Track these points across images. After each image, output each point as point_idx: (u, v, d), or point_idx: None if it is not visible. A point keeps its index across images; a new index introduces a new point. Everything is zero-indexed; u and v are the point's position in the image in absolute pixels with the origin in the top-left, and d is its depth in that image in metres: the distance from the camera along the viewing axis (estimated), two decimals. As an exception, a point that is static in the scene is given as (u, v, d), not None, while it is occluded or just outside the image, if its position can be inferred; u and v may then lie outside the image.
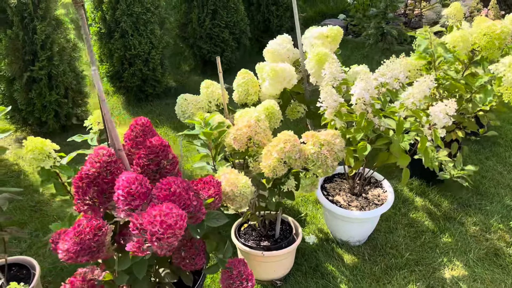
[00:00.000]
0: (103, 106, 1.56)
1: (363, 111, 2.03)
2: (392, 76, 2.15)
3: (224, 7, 4.69)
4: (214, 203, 1.78)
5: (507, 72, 2.22)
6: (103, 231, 1.49)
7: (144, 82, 4.33)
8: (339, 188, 2.57)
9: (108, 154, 1.56)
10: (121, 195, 1.45)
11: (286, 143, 1.91)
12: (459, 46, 2.39)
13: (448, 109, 1.89)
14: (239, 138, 2.00)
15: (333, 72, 2.14)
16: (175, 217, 1.39)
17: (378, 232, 2.63)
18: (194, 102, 2.54)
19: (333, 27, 2.53)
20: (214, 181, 1.80)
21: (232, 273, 1.72)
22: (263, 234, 2.34)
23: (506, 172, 3.14)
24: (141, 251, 1.43)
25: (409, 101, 1.93)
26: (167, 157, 1.72)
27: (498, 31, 2.42)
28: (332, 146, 1.97)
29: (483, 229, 2.63)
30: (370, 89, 1.98)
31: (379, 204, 2.43)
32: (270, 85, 2.47)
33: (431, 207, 2.83)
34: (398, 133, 2.00)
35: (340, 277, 2.34)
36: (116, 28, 4.01)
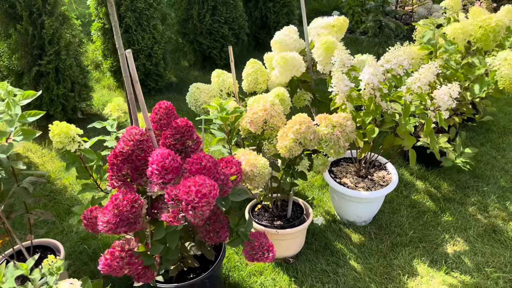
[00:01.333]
0: (136, 88, 1.66)
1: (372, 96, 2.16)
2: (397, 62, 2.28)
3: (224, 3, 4.80)
4: (236, 180, 1.89)
5: (501, 66, 2.37)
6: (139, 203, 1.59)
7: (147, 77, 4.41)
8: (346, 171, 2.70)
9: (140, 133, 1.67)
10: (155, 169, 1.56)
11: (301, 124, 2.03)
12: (459, 37, 2.54)
13: (452, 92, 2.03)
14: (256, 121, 2.11)
15: (342, 58, 2.26)
16: (209, 186, 1.50)
17: (382, 213, 2.76)
18: (206, 91, 2.65)
19: (339, 17, 2.66)
20: (235, 160, 1.91)
21: (254, 244, 1.83)
22: (275, 215, 2.46)
23: (500, 156, 3.31)
24: (176, 220, 1.54)
25: (416, 85, 2.06)
26: (192, 137, 1.82)
27: (493, 24, 2.57)
28: (344, 128, 2.09)
29: (481, 209, 2.78)
30: (378, 74, 2.11)
31: (384, 185, 2.56)
32: (280, 73, 2.58)
33: (431, 189, 2.98)
34: (405, 115, 2.13)
35: (349, 254, 2.46)
36: (120, 23, 4.09)
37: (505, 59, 2.43)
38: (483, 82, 2.50)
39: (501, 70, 2.41)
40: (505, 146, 3.42)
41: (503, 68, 2.41)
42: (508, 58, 2.41)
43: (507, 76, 2.40)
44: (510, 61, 2.39)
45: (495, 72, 2.44)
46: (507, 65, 2.40)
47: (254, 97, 2.35)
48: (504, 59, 2.44)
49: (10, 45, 3.46)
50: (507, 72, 2.39)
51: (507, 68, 2.39)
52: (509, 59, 2.40)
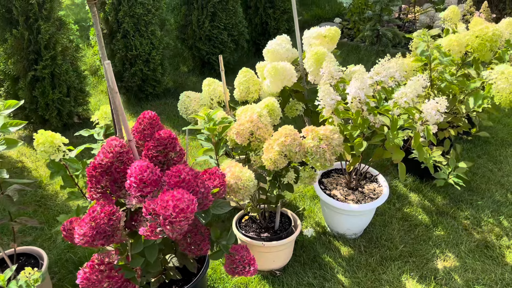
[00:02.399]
0: (115, 98, 1.65)
1: (359, 109, 2.14)
2: (387, 75, 2.26)
3: (223, 10, 4.80)
4: (219, 193, 1.87)
5: (498, 80, 2.33)
6: (117, 216, 1.58)
7: (144, 82, 4.41)
8: (336, 183, 2.67)
9: (120, 145, 1.65)
10: (133, 182, 1.54)
11: (287, 136, 2.01)
12: (454, 49, 2.51)
13: (439, 106, 2.00)
14: (242, 132, 2.10)
15: (331, 70, 2.24)
16: (187, 201, 1.48)
17: (373, 226, 2.73)
18: (197, 99, 2.64)
19: (331, 28, 2.64)
20: (219, 172, 1.90)
21: (235, 258, 1.81)
22: (263, 226, 2.43)
23: (496, 169, 3.26)
24: (154, 234, 1.52)
25: (402, 100, 2.04)
26: (175, 149, 1.81)
27: (490, 34, 2.54)
28: (330, 141, 2.07)
29: (474, 223, 2.74)
30: (364, 88, 2.08)
31: (375, 198, 2.53)
32: (271, 83, 2.57)
33: (425, 202, 2.94)
34: (392, 130, 2.10)
35: (337, 267, 2.43)
36: (118, 29, 4.09)
37: (502, 72, 2.39)
38: (478, 96, 2.46)
39: (498, 84, 2.37)
40: (502, 159, 3.37)
41: (499, 81, 2.37)
42: (506, 71, 2.37)
43: (503, 90, 2.36)
44: (507, 74, 2.35)
45: (491, 85, 2.41)
46: (504, 79, 2.36)
47: (242, 108, 2.33)
48: (501, 72, 2.40)
49: (6, 50, 3.48)
50: (503, 86, 2.35)
51: (503, 82, 2.35)
52: (506, 73, 2.36)
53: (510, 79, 2.32)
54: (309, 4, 7.70)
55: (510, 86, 2.32)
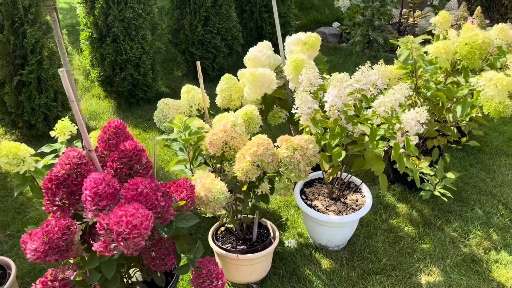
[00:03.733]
0: (73, 108, 1.59)
1: (337, 118, 2.06)
2: (367, 82, 2.18)
3: (216, 14, 4.75)
4: (186, 205, 1.80)
5: (486, 87, 2.25)
6: (72, 230, 1.52)
7: (135, 87, 4.37)
8: (318, 193, 2.60)
9: (78, 156, 1.59)
10: (88, 195, 1.48)
11: (259, 146, 1.94)
12: (442, 57, 2.42)
13: (419, 117, 1.92)
14: (215, 142, 2.03)
15: (310, 78, 2.17)
16: (141, 217, 1.42)
17: (358, 237, 2.65)
18: (176, 107, 2.58)
19: (311, 34, 2.56)
20: (188, 184, 1.83)
21: (202, 272, 1.74)
22: (240, 238, 2.36)
23: (489, 179, 3.16)
24: (108, 250, 1.46)
25: (381, 109, 1.96)
26: (140, 161, 1.75)
27: (480, 41, 2.45)
28: (305, 151, 1.99)
29: (462, 235, 2.65)
30: (342, 96, 2.01)
31: (357, 209, 2.45)
32: (250, 90, 2.50)
33: (412, 213, 2.85)
34: (371, 140, 2.02)
35: (316, 281, 2.35)
36: (108, 33, 4.06)
37: (490, 79, 2.31)
38: (466, 104, 2.38)
39: (486, 91, 2.29)
40: (495, 168, 3.27)
41: (488, 89, 2.29)
42: (494, 78, 2.28)
43: (492, 97, 2.27)
44: (496, 81, 2.26)
45: (479, 93, 2.32)
46: (492, 86, 2.27)
47: (219, 116, 2.27)
48: (489, 79, 2.31)
49: (-9, 55, 3.45)
50: (492, 93, 2.26)
51: (492, 89, 2.27)
52: (494, 79, 2.27)
53: (499, 86, 2.23)
54: (309, 8, 7.63)
55: (499, 93, 2.23)
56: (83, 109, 4.39)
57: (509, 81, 2.23)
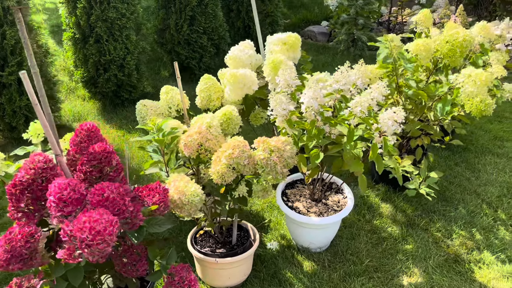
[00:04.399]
0: (37, 111, 1.55)
1: (314, 119, 2.03)
2: (346, 83, 2.15)
3: (202, 13, 4.70)
4: (159, 210, 1.77)
5: (465, 83, 2.22)
6: (36, 238, 1.47)
7: (120, 88, 4.32)
8: (300, 194, 2.56)
9: (44, 160, 1.55)
10: (52, 201, 1.44)
11: (234, 148, 1.90)
12: (422, 55, 2.39)
13: (396, 116, 1.89)
14: (189, 144, 1.99)
15: (286, 79, 2.13)
16: (105, 223, 1.38)
17: (340, 239, 2.62)
18: (154, 108, 2.54)
19: (291, 34, 2.52)
20: (161, 188, 1.80)
21: (174, 279, 1.71)
22: (220, 241, 2.33)
23: (474, 178, 3.14)
24: (73, 258, 1.42)
25: (357, 109, 1.93)
26: (110, 163, 1.71)
27: (460, 39, 2.42)
28: (282, 153, 1.96)
29: (445, 235, 2.63)
30: (318, 97, 1.97)
31: (338, 210, 2.42)
32: (231, 91, 2.46)
33: (396, 213, 2.82)
34: (349, 141, 1.99)
35: (297, 284, 2.32)
36: (91, 33, 4.00)
37: (469, 75, 2.28)
38: (446, 102, 2.35)
39: (465, 88, 2.26)
40: (480, 167, 3.25)
41: (467, 85, 2.26)
42: (472, 74, 2.26)
43: (471, 94, 2.25)
44: (475, 77, 2.24)
45: (458, 89, 2.30)
46: (471, 82, 2.25)
47: (196, 117, 2.23)
48: (468, 75, 2.29)
49: (-30, 56, 3.39)
50: (471, 89, 2.24)
51: (471, 85, 2.24)
52: (473, 76, 2.24)
53: (478, 82, 2.21)
54: (298, 6, 7.60)
55: (478, 89, 2.21)
56: (67, 110, 4.33)
57: (487, 76, 2.20)
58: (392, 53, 2.36)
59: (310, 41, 6.43)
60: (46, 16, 6.07)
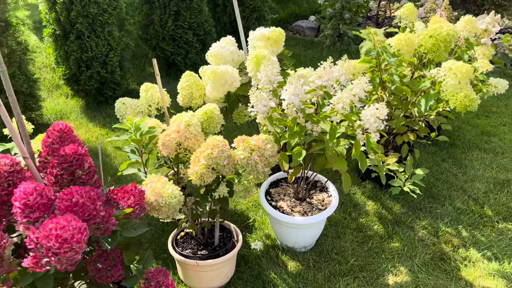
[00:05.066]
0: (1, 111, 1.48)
1: (296, 116, 1.98)
2: (329, 79, 2.09)
3: (187, 8, 4.62)
4: (134, 213, 1.71)
5: (447, 77, 2.18)
6: (2, 244, 1.40)
7: (103, 85, 4.23)
8: (284, 193, 2.52)
9: (10, 163, 1.48)
10: (18, 207, 1.37)
11: (214, 148, 1.84)
12: (404, 49, 2.35)
13: (379, 113, 1.84)
14: (168, 144, 1.93)
15: (268, 75, 2.08)
16: (72, 230, 1.31)
17: (326, 237, 2.58)
18: (133, 107, 2.47)
19: (275, 29, 2.46)
20: (136, 190, 1.74)
21: (150, 284, 1.65)
22: (202, 242, 2.27)
23: (460, 174, 3.12)
24: (40, 266, 1.35)
25: (339, 106, 1.88)
26: (82, 166, 1.64)
27: (444, 34, 2.38)
28: (262, 152, 1.91)
29: (431, 233, 2.60)
30: (299, 94, 1.92)
31: (323, 209, 2.37)
32: (212, 88, 2.40)
33: (382, 211, 2.79)
34: (331, 138, 1.94)
35: (281, 285, 2.28)
36: (72, 29, 3.90)
37: (449, 68, 2.25)
38: (429, 96, 2.31)
39: (447, 81, 2.23)
40: (467, 162, 3.23)
41: (448, 78, 2.23)
42: (453, 67, 2.22)
43: (453, 87, 2.21)
44: (456, 70, 2.20)
45: (440, 83, 2.26)
46: (452, 75, 2.21)
47: (176, 116, 2.16)
48: (449, 68, 2.25)
49: None
50: (452, 82, 2.20)
51: (452, 78, 2.21)
52: (454, 69, 2.21)
53: (459, 74, 2.17)
54: (286, 1, 7.52)
55: (460, 81, 2.17)
56: (49, 108, 4.24)
57: (467, 68, 2.17)
58: (376, 46, 2.31)
59: (299, 36, 6.37)
60: (28, 12, 5.94)
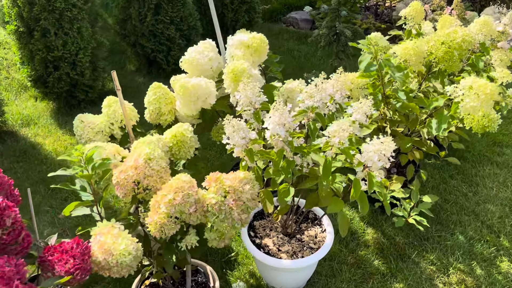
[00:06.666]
0: None
1: (282, 148, 1.60)
2: (321, 99, 1.72)
3: (169, 1, 4.18)
4: (75, 279, 1.34)
5: (466, 96, 1.80)
6: None
7: (75, 87, 3.82)
8: (270, 227, 2.15)
9: None
10: None
11: (177, 193, 1.47)
12: (411, 60, 1.97)
13: (384, 149, 1.47)
14: (123, 183, 1.56)
15: (248, 95, 1.69)
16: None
17: (319, 276, 2.22)
18: (92, 125, 2.08)
19: (256, 35, 2.06)
20: (78, 248, 1.37)
21: None
22: (171, 291, 1.92)
23: (471, 193, 2.76)
24: None
25: (335, 140, 1.50)
26: (4, 224, 1.27)
27: (459, 40, 2.01)
28: (239, 195, 1.54)
29: (440, 270, 2.25)
30: (286, 122, 1.54)
31: (315, 248, 2.02)
32: (182, 104, 2.02)
33: (384, 240, 2.43)
34: (324, 176, 1.57)
35: None
36: (36, 26, 3.48)
37: (470, 87, 1.86)
38: (443, 118, 1.94)
39: (466, 102, 1.85)
40: (478, 180, 2.87)
41: (468, 99, 1.84)
42: (475, 86, 1.84)
43: (473, 109, 1.83)
44: (477, 89, 1.82)
45: (458, 104, 1.88)
46: (472, 95, 1.83)
47: (137, 141, 1.79)
48: (469, 87, 1.87)
49: None
50: (473, 104, 1.82)
51: (473, 100, 1.82)
52: (475, 88, 1.83)
53: (481, 95, 1.79)
54: (280, -10, 7.07)
55: (482, 104, 1.80)
56: (16, 112, 3.83)
57: (493, 88, 1.79)
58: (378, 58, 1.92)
59: (293, 29, 5.95)
60: (-1, 3, 5.46)
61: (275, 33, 5.75)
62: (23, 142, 3.46)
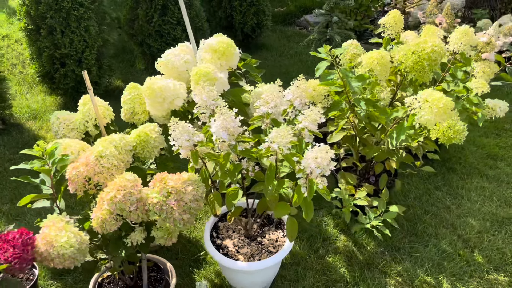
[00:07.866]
0: None
1: (228, 152, 1.64)
2: (277, 104, 1.74)
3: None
4: (13, 267, 1.42)
5: (422, 109, 1.79)
6: None
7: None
8: (234, 229, 2.19)
9: None
10: None
11: (119, 190, 1.54)
12: (376, 70, 1.96)
13: (321, 158, 1.48)
14: (74, 179, 1.63)
15: (203, 98, 1.74)
16: None
17: (283, 280, 2.24)
18: (67, 122, 2.18)
19: (223, 39, 2.10)
20: (20, 239, 1.45)
21: None
22: (129, 285, 1.98)
23: (454, 206, 2.71)
24: None
25: (274, 145, 1.53)
26: None
27: (428, 50, 1.98)
28: (182, 196, 1.58)
29: (406, 282, 2.22)
30: (231, 127, 1.58)
31: (274, 252, 2.04)
32: (150, 106, 2.09)
33: (354, 248, 2.42)
34: (268, 181, 1.60)
35: (218, 339, 1.97)
36: (43, 24, 3.65)
37: (425, 100, 1.84)
38: (402, 129, 1.93)
39: (421, 114, 1.83)
40: (464, 193, 2.81)
41: (423, 112, 1.83)
42: (430, 98, 1.82)
43: (427, 122, 1.82)
44: (433, 102, 1.80)
45: (414, 116, 1.87)
46: (427, 108, 1.81)
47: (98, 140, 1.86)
48: (424, 100, 1.85)
49: None
50: (427, 117, 1.81)
51: (427, 113, 1.81)
52: (431, 100, 1.81)
53: (435, 109, 1.77)
54: (297, -7, 7.08)
55: (436, 117, 1.78)
56: (25, 106, 4.02)
57: (446, 102, 1.77)
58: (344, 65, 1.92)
59: (305, 32, 5.95)
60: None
61: (287, 35, 5.77)
62: (26, 134, 3.63)
